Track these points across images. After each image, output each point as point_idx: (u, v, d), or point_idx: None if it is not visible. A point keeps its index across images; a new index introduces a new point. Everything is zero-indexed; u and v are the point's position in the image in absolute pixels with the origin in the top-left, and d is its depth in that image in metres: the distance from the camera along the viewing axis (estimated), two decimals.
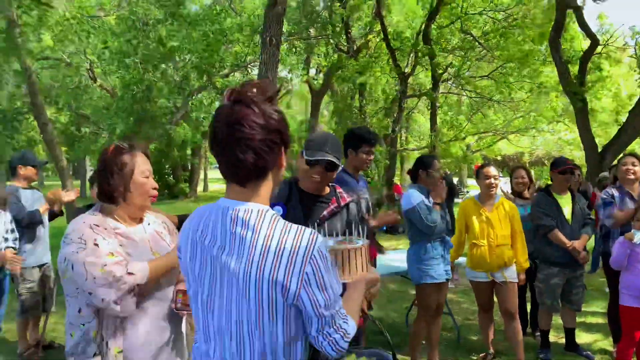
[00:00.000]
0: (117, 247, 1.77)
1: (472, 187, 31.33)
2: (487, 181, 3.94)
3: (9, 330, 4.61)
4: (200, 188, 26.89)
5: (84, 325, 1.77)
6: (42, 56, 14.57)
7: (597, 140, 9.36)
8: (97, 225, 1.78)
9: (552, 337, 4.50)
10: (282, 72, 15.99)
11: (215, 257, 1.28)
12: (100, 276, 1.68)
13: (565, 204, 4.20)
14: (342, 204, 2.40)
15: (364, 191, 3.53)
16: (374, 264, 3.67)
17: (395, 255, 5.57)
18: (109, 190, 1.81)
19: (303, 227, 1.26)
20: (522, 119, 20.21)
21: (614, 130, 12.19)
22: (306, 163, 2.30)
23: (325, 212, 2.33)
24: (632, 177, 4.10)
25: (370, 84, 14.41)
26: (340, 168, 2.34)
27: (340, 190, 2.47)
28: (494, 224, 3.90)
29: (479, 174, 4.06)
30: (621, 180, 4.17)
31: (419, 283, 3.80)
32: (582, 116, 9.23)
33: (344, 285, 1.53)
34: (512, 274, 3.93)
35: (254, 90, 1.25)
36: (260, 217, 1.25)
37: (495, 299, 4.13)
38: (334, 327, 1.30)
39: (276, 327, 1.25)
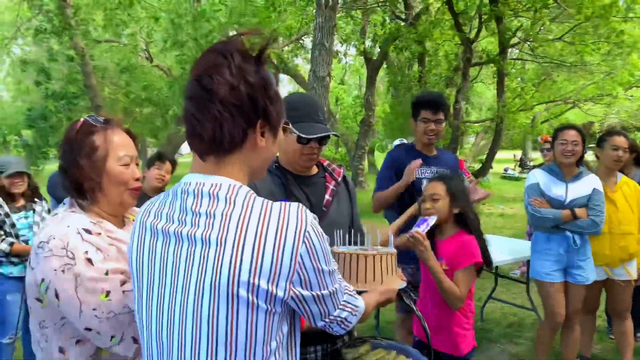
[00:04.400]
0: (116, 256, 1.30)
1: (538, 160, 29.66)
2: (615, 153, 3.19)
3: None
4: None
5: None
6: (98, 38, 14.65)
7: None
8: (88, 231, 1.29)
9: None
10: (336, 44, 15.31)
11: (169, 246, 0.98)
12: (103, 306, 1.23)
13: None
14: (338, 178, 1.90)
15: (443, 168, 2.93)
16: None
17: None
18: (76, 182, 1.34)
19: (287, 202, 1.00)
20: (596, 85, 18.60)
21: None
22: (298, 141, 1.71)
23: (327, 196, 1.85)
24: None
25: (431, 52, 13.47)
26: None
27: (327, 162, 1.93)
28: (618, 207, 3.18)
29: (602, 143, 3.28)
30: None
31: None
32: None
33: (358, 293, 1.29)
34: (634, 270, 3.25)
35: (241, 41, 0.98)
36: (232, 191, 0.97)
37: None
38: (340, 306, 1.11)
39: (255, 337, 0.95)
